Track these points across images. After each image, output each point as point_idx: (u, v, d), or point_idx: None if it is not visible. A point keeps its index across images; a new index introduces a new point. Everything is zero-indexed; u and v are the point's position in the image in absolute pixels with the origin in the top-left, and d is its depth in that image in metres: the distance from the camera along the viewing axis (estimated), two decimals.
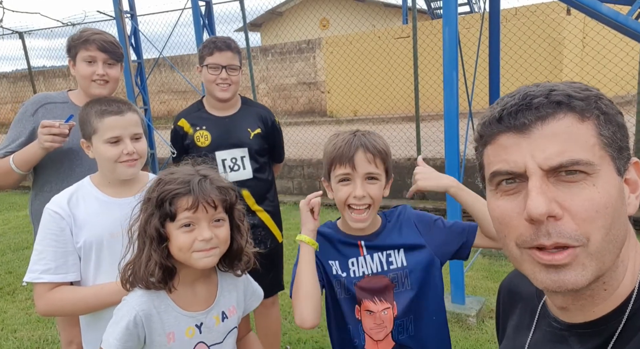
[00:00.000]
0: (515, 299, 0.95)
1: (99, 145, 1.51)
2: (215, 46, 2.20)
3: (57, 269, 1.45)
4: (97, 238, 1.49)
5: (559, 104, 0.66)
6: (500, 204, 0.71)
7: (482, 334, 3.03)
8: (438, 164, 5.83)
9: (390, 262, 1.40)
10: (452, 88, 2.89)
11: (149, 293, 1.22)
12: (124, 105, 1.55)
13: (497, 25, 3.92)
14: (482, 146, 0.75)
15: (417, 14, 6.61)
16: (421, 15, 14.36)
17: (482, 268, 4.05)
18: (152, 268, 1.17)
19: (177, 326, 1.23)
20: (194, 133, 2.27)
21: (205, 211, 1.17)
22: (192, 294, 1.27)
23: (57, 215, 1.47)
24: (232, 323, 1.34)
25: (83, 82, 1.98)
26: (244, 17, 7.45)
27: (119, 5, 5.97)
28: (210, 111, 2.32)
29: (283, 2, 17.63)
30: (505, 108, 0.69)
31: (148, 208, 1.20)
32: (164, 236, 1.18)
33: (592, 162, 0.64)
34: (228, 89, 2.23)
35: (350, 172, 1.33)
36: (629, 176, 0.70)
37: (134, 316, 1.18)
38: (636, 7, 2.46)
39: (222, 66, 2.20)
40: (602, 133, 0.66)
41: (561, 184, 0.65)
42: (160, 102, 15.75)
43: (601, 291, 0.70)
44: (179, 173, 1.21)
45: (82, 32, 1.99)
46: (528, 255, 0.69)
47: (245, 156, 2.27)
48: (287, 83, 14.64)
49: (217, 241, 1.20)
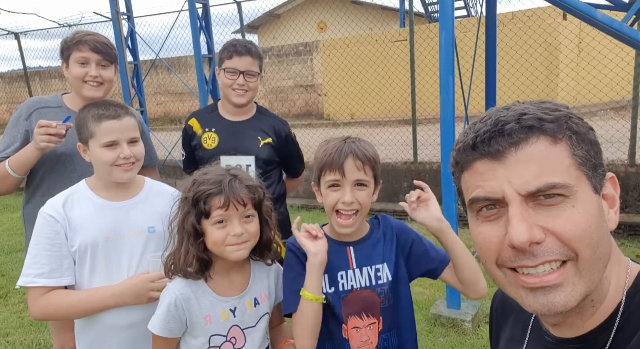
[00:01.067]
0: (507, 311, 0.95)
1: (96, 148, 1.51)
2: (235, 50, 2.14)
3: (51, 273, 1.44)
4: (92, 241, 1.48)
5: (531, 128, 0.67)
6: (482, 230, 0.71)
7: (477, 339, 3.02)
8: (434, 167, 5.83)
9: (379, 277, 1.42)
10: (449, 92, 2.89)
11: (187, 280, 1.34)
12: (121, 109, 1.55)
13: (493, 29, 3.93)
14: (459, 172, 0.75)
15: (414, 18, 6.63)
16: (418, 19, 14.41)
17: None
18: (190, 260, 1.31)
19: (213, 310, 1.34)
20: (202, 134, 2.23)
21: (235, 209, 1.29)
22: (227, 282, 1.39)
23: (52, 218, 1.46)
24: (264, 309, 1.44)
25: (76, 83, 1.96)
26: (241, 19, 7.45)
27: (115, 7, 5.96)
28: (223, 114, 2.27)
29: (280, 5, 17.64)
30: (479, 135, 0.69)
31: (185, 207, 1.33)
32: (200, 232, 1.31)
33: (569, 184, 0.65)
34: (244, 95, 2.17)
35: (339, 179, 1.35)
36: (606, 192, 0.70)
37: (174, 299, 1.31)
38: (631, 13, 2.47)
39: (240, 71, 2.14)
40: (575, 153, 0.67)
41: (541, 208, 0.65)
42: (157, 104, 15.72)
43: (589, 307, 0.70)
44: (211, 174, 1.33)
45: (75, 34, 1.97)
46: (512, 278, 0.69)
47: (252, 165, 2.19)
48: (284, 86, 14.65)
49: (247, 235, 1.32)
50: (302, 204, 6.61)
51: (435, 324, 3.18)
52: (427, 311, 3.35)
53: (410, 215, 1.41)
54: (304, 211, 6.45)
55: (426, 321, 3.24)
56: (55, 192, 1.59)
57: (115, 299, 1.46)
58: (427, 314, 3.31)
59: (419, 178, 6.34)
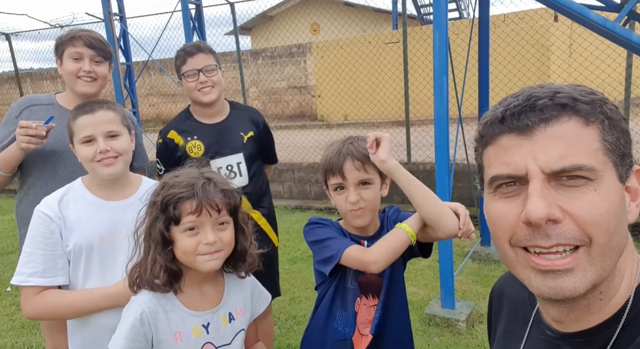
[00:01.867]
0: (504, 302, 0.94)
1: (77, 147, 1.49)
2: (185, 53, 2.15)
3: (45, 272, 1.42)
4: (87, 241, 1.46)
5: (564, 107, 0.65)
6: (497, 206, 0.69)
7: (472, 339, 3.02)
8: (428, 168, 5.85)
9: None
10: (442, 92, 2.90)
11: (155, 293, 1.22)
12: (98, 104, 1.51)
13: (486, 31, 3.95)
14: (483, 147, 0.73)
15: (407, 20, 6.65)
16: (411, 21, 14.44)
17: (471, 273, 4.06)
18: (157, 271, 1.19)
19: (184, 325, 1.23)
20: (185, 144, 2.18)
21: (209, 215, 1.18)
22: (199, 295, 1.27)
23: (47, 217, 1.43)
24: (240, 324, 1.34)
25: (69, 79, 1.93)
26: (235, 21, 7.43)
27: (107, 8, 5.92)
28: (200, 119, 2.23)
29: (273, 6, 17.63)
30: (509, 109, 0.67)
31: (153, 212, 1.21)
32: (169, 239, 1.19)
33: (595, 168, 0.63)
34: (211, 91, 2.14)
35: (342, 182, 1.39)
36: (630, 184, 0.69)
37: (140, 313, 1.19)
38: (623, 14, 2.49)
39: (198, 70, 2.12)
40: (606, 138, 0.65)
41: (562, 188, 0.64)
42: (149, 105, 15.63)
43: (597, 300, 0.68)
44: (184, 176, 1.21)
45: (69, 31, 1.97)
46: (523, 258, 0.67)
47: (242, 162, 2.21)
48: (278, 87, 14.63)
49: (221, 244, 1.20)
50: (297, 205, 6.60)
51: (429, 325, 3.18)
52: (421, 311, 3.35)
53: (372, 159, 1.39)
54: (299, 212, 6.45)
55: (421, 321, 3.24)
56: (47, 191, 1.57)
57: (109, 300, 1.43)
58: (421, 314, 3.31)
59: None
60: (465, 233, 1.38)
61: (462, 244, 4.73)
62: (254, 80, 14.76)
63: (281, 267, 4.49)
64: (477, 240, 4.67)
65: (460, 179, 5.54)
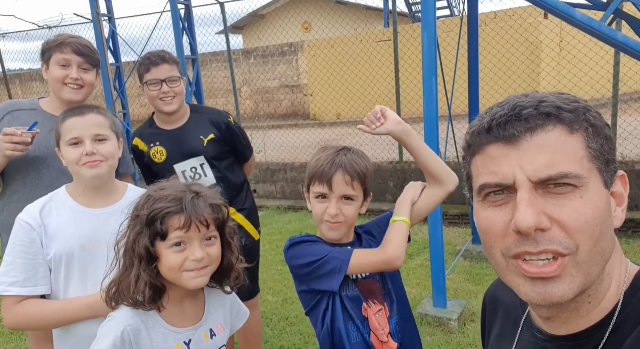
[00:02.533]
0: (498, 307, 0.95)
1: (63, 149, 1.47)
2: (150, 62, 2.19)
3: (25, 281, 1.40)
4: (67, 249, 1.43)
5: (548, 116, 0.66)
6: (487, 215, 0.70)
7: (463, 337, 3.04)
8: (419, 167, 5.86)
9: None
10: (432, 92, 2.90)
11: (137, 310, 1.18)
12: (88, 108, 1.51)
13: (475, 28, 3.96)
14: (470, 156, 0.74)
15: (398, 18, 6.65)
16: (402, 18, 14.47)
17: (463, 271, 4.08)
18: (142, 288, 1.14)
19: (166, 343, 1.20)
20: (149, 150, 2.30)
21: (197, 230, 1.14)
22: (180, 312, 1.24)
23: (28, 225, 1.41)
24: (221, 340, 1.32)
25: (55, 85, 1.91)
26: (225, 20, 7.39)
27: (96, 8, 5.86)
28: (162, 126, 2.32)
29: (264, 5, 17.57)
30: (495, 119, 0.69)
31: (136, 226, 1.16)
32: (154, 255, 1.15)
33: (581, 175, 0.64)
34: (172, 101, 2.22)
35: (327, 192, 1.37)
36: (615, 189, 0.70)
37: (122, 331, 1.14)
38: (608, 13, 2.50)
39: (161, 80, 2.18)
40: (590, 145, 0.66)
41: (549, 196, 0.65)
42: (141, 105, 15.52)
43: (585, 304, 0.69)
44: (170, 190, 1.17)
45: (57, 36, 1.94)
46: (513, 266, 0.68)
47: (204, 163, 2.29)
48: (270, 86, 14.59)
49: (208, 260, 1.18)
50: (289, 205, 6.59)
51: (421, 323, 3.19)
52: (413, 310, 3.36)
53: (376, 131, 1.44)
54: (291, 212, 6.44)
55: None
56: (31, 198, 1.55)
57: (89, 310, 1.41)
58: (413, 313, 3.31)
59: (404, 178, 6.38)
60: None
61: (453, 242, 4.75)
62: (246, 80, 14.71)
63: (274, 268, 4.48)
64: (468, 237, 4.69)
65: None
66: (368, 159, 1.45)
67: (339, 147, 1.42)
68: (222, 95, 14.75)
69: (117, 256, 1.21)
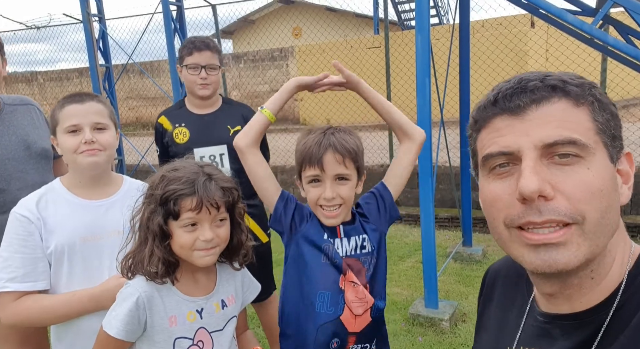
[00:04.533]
0: (498, 285, 0.94)
1: (61, 136, 1.43)
2: (194, 46, 2.23)
3: (24, 277, 1.35)
4: (68, 242, 1.39)
5: (554, 88, 0.67)
6: (492, 188, 0.70)
7: (455, 338, 3.05)
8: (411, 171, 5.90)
9: (364, 246, 1.42)
10: (425, 94, 2.93)
11: None
12: (88, 95, 1.47)
13: (467, 36, 4.02)
14: (476, 131, 0.74)
15: (388, 25, 6.72)
16: (392, 26, 14.61)
17: (454, 273, 4.10)
18: (156, 263, 1.19)
19: (179, 310, 1.24)
20: (173, 130, 2.30)
21: (208, 212, 1.19)
22: (193, 282, 1.29)
23: (25, 218, 1.37)
24: (232, 311, 1.35)
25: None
26: (216, 22, 7.39)
27: (86, 9, 5.82)
28: (191, 109, 2.35)
29: (255, 10, 17.60)
30: (501, 92, 0.70)
31: (151, 204, 1.20)
32: (167, 233, 1.20)
33: (587, 144, 0.64)
34: (208, 87, 2.26)
35: (319, 174, 1.33)
36: (621, 167, 0.70)
37: (137, 297, 1.19)
38: (598, 18, 2.56)
39: (202, 66, 2.23)
40: (596, 119, 0.66)
41: (554, 166, 0.65)
42: (129, 109, 15.40)
43: (588, 279, 0.69)
44: (183, 171, 1.21)
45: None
46: (517, 236, 0.68)
47: (225, 154, 2.28)
48: (260, 91, 14.59)
49: (218, 240, 1.22)
50: None
51: (413, 324, 3.20)
52: (405, 311, 3.37)
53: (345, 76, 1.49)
54: None
55: (405, 321, 3.25)
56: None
57: (95, 302, 1.37)
58: (405, 314, 3.32)
59: None
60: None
61: (444, 245, 4.78)
62: (236, 84, 14.69)
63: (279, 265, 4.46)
64: (459, 240, 4.72)
65: (442, 181, 5.61)
66: (357, 136, 1.41)
67: (324, 127, 1.39)
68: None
69: (132, 230, 1.26)
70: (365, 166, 1.44)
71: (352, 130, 1.43)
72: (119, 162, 6.63)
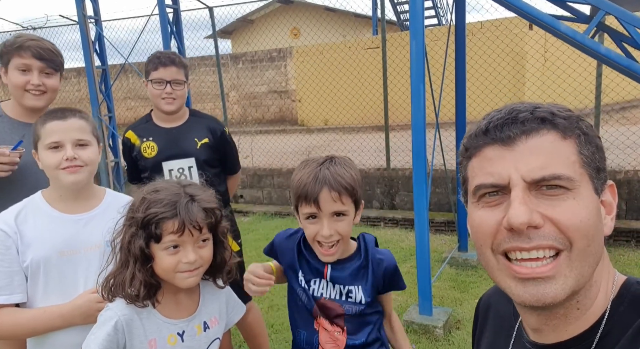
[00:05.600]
0: (490, 316, 0.95)
1: (42, 152, 1.44)
2: (159, 62, 2.25)
3: (1, 290, 1.37)
4: (44, 256, 1.40)
5: (543, 120, 0.69)
6: (481, 214, 0.72)
7: (448, 345, 3.04)
8: (407, 174, 5.90)
9: (350, 296, 1.41)
10: (419, 100, 2.93)
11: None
12: (71, 112, 1.47)
13: (462, 38, 4.01)
14: (467, 159, 0.76)
15: (386, 26, 6.70)
16: (390, 27, 14.60)
17: (449, 278, 4.09)
18: (137, 286, 1.19)
19: (159, 333, 1.23)
20: (140, 145, 2.32)
21: (190, 234, 1.18)
22: (174, 304, 1.28)
23: (3, 232, 1.38)
24: (215, 333, 1.34)
25: (16, 91, 1.80)
26: (213, 25, 7.38)
27: (82, 10, 5.80)
28: (158, 123, 2.37)
29: (254, 11, 17.59)
30: (492, 121, 0.72)
31: (132, 227, 1.19)
32: (149, 256, 1.19)
33: (573, 178, 0.66)
34: (173, 103, 2.27)
35: (316, 211, 1.30)
36: (604, 198, 0.72)
37: (116, 321, 1.19)
38: (592, 26, 2.56)
39: (167, 81, 2.24)
40: (582, 152, 0.69)
41: (542, 197, 0.67)
42: (127, 109, 15.38)
43: (574, 310, 0.70)
44: (165, 193, 1.19)
45: (16, 38, 1.80)
46: (504, 266, 0.69)
47: (193, 166, 2.31)
48: (258, 92, 14.59)
49: (201, 261, 1.22)
50: (276, 211, 6.56)
51: (407, 331, 3.19)
52: (399, 317, 3.36)
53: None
54: (278, 218, 6.41)
55: None
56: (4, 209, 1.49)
57: (64, 320, 1.39)
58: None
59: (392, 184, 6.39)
60: None
61: (439, 250, 4.78)
62: (234, 85, 14.68)
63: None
64: (455, 245, 4.72)
65: (439, 185, 5.60)
66: (354, 167, 1.37)
67: (320, 160, 1.34)
68: (210, 99, 14.69)
69: (113, 251, 1.25)
70: (362, 169, 1.41)
71: (349, 160, 1.38)
72: (115, 164, 6.61)
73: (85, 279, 1.44)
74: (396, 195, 5.98)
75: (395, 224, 5.66)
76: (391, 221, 5.68)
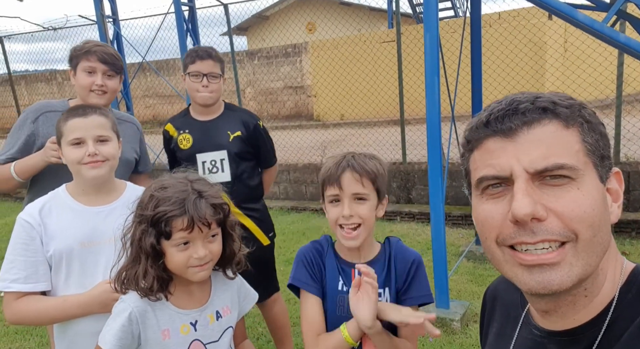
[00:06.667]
0: (498, 305, 0.96)
1: (65, 148, 1.52)
2: (197, 55, 2.31)
3: (26, 278, 1.45)
4: (66, 247, 1.47)
5: (545, 110, 0.68)
6: (485, 207, 0.72)
7: (466, 338, 3.04)
8: (423, 168, 5.86)
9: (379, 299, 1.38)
10: (434, 93, 2.91)
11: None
12: (92, 109, 1.55)
13: (478, 30, 3.96)
14: (469, 152, 0.76)
15: (402, 19, 6.65)
16: (406, 19, 14.47)
17: (466, 272, 4.07)
18: (150, 281, 1.22)
19: (172, 324, 1.27)
20: (177, 137, 2.40)
21: (200, 231, 1.21)
22: (187, 294, 1.32)
23: (28, 224, 1.46)
24: (227, 322, 1.37)
25: (82, 91, 2.03)
26: (229, 22, 7.42)
27: (100, 10, 5.90)
28: (194, 116, 2.43)
29: (269, 7, 17.62)
30: (492, 113, 0.71)
31: (142, 224, 1.22)
32: (160, 252, 1.23)
33: (577, 167, 0.66)
34: (209, 96, 2.33)
35: (338, 193, 1.36)
36: (610, 186, 0.71)
37: (129, 313, 1.23)
38: (611, 14, 2.50)
39: (204, 74, 2.30)
40: (585, 140, 0.68)
41: (546, 187, 0.66)
42: (146, 107, 15.60)
43: (582, 297, 0.70)
44: (172, 190, 1.21)
45: (84, 44, 2.04)
46: (510, 256, 0.69)
47: (225, 159, 2.36)
48: (274, 87, 14.63)
49: (211, 256, 1.26)
50: (292, 206, 6.60)
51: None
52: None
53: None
54: (294, 213, 6.45)
55: None
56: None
57: (82, 309, 1.46)
58: None
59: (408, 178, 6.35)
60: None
61: (457, 243, 4.75)
62: (250, 81, 14.75)
63: (277, 268, 4.49)
64: (472, 239, 4.68)
65: (456, 179, 5.56)
66: (380, 160, 1.43)
67: (345, 153, 1.44)
68: (226, 96, 14.72)
69: (124, 247, 1.28)
70: None
71: (377, 155, 1.45)
72: None
73: (104, 269, 1.50)
74: (412, 189, 5.95)
75: (411, 218, 5.64)
76: (407, 215, 5.66)
